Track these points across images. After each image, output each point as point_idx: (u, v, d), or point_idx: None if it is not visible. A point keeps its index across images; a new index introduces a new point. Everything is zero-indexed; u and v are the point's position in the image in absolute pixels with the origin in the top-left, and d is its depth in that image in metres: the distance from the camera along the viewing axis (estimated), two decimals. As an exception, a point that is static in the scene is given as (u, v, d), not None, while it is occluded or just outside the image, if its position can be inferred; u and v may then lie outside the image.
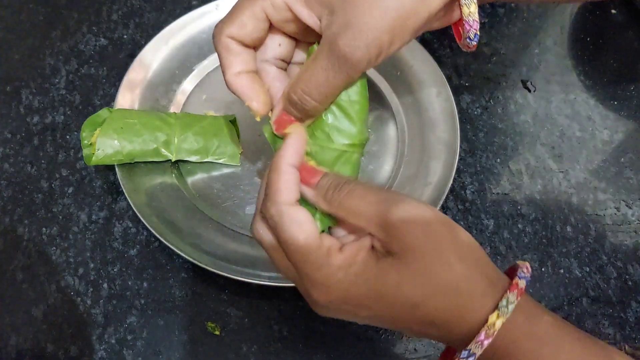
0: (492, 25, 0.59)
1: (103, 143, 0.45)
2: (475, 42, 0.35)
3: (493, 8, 0.61)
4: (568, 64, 0.57)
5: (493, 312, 0.28)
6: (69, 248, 0.46)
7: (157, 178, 0.47)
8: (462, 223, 0.48)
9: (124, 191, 0.45)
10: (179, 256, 0.44)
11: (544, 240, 0.48)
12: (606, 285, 0.46)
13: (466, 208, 0.49)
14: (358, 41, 0.30)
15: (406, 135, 0.51)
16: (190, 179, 0.48)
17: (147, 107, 0.50)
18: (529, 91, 0.56)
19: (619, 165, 0.52)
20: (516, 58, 0.58)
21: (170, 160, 0.47)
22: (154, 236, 0.44)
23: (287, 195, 0.31)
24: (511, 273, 0.31)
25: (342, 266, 0.30)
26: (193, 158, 0.48)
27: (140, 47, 0.52)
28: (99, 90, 0.54)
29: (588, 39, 0.59)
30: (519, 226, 0.48)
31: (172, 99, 0.52)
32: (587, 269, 0.47)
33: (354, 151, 0.35)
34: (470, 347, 0.28)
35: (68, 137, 0.51)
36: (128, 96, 0.50)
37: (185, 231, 0.45)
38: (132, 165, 0.47)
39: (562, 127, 0.53)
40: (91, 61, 0.55)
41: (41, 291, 0.44)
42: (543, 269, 0.46)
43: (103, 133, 0.45)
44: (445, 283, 0.29)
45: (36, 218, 0.47)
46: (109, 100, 0.53)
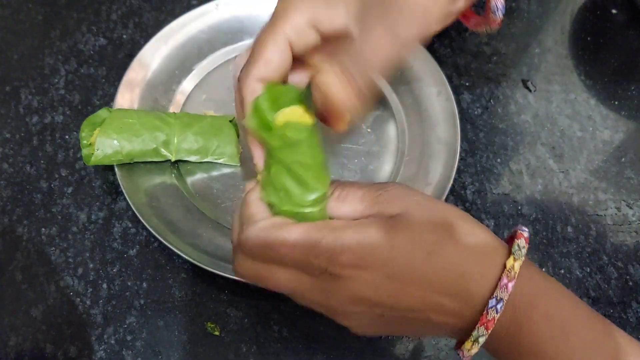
0: (493, 24, 0.59)
1: (102, 143, 0.45)
2: (501, 16, 0.36)
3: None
4: (569, 64, 0.57)
5: (509, 257, 0.29)
6: (69, 248, 0.46)
7: (157, 178, 0.47)
8: (463, 223, 0.48)
9: (124, 191, 0.45)
10: (179, 256, 0.44)
11: (545, 240, 0.48)
12: (607, 285, 0.46)
13: (466, 208, 0.49)
14: (407, 20, 0.32)
15: (406, 135, 0.51)
16: (189, 179, 0.48)
17: (147, 107, 0.50)
18: (530, 91, 0.55)
19: (620, 165, 0.52)
20: (517, 58, 0.57)
21: (169, 160, 0.47)
22: (154, 236, 0.44)
23: (261, 214, 0.32)
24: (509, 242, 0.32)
25: (351, 224, 0.30)
26: (193, 158, 0.48)
27: (139, 47, 0.52)
28: (98, 90, 0.54)
29: (589, 39, 0.59)
30: (520, 226, 0.48)
31: (172, 99, 0.52)
32: (588, 270, 0.46)
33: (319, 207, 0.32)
34: (496, 294, 0.28)
35: (67, 137, 0.51)
36: (127, 96, 0.50)
37: (184, 231, 0.45)
38: (132, 165, 0.47)
39: (563, 127, 0.53)
40: (90, 61, 0.55)
41: (40, 291, 0.44)
42: (544, 269, 0.46)
43: (102, 133, 0.45)
44: (455, 233, 0.29)
45: (35, 218, 0.47)
46: (109, 100, 0.53)
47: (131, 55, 0.53)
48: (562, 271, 0.46)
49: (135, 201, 0.44)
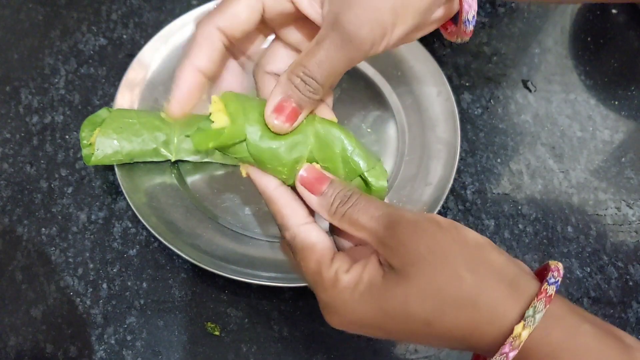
0: (493, 25, 0.59)
1: (102, 143, 0.45)
2: (471, 28, 0.34)
3: (493, 8, 0.60)
4: (569, 64, 0.57)
5: (519, 323, 0.26)
6: (69, 248, 0.46)
7: (157, 178, 0.47)
8: (463, 223, 0.48)
9: (124, 191, 0.45)
10: (179, 256, 0.44)
11: (545, 240, 0.48)
12: (607, 285, 0.46)
13: (466, 208, 0.49)
14: (362, 18, 0.30)
15: (406, 135, 0.51)
16: (189, 179, 0.48)
17: (147, 107, 0.50)
18: (530, 91, 0.55)
19: (620, 165, 0.52)
20: (517, 58, 0.57)
21: (169, 160, 0.47)
22: (154, 236, 0.44)
23: (295, 218, 0.32)
24: (541, 275, 0.29)
25: (348, 287, 0.29)
26: (193, 158, 0.48)
27: (139, 47, 0.52)
28: (98, 90, 0.54)
29: (589, 39, 0.59)
30: (520, 226, 0.48)
31: (172, 99, 0.52)
32: (588, 270, 0.46)
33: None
34: (494, 359, 0.27)
35: (67, 137, 0.51)
36: (127, 96, 0.50)
37: (184, 231, 0.45)
38: (132, 165, 0.47)
39: (563, 127, 0.53)
40: (90, 61, 0.55)
41: (40, 291, 0.44)
42: (544, 269, 0.46)
43: (102, 133, 0.45)
44: (456, 297, 0.27)
45: (35, 218, 0.47)
46: (109, 100, 0.53)
47: (131, 55, 0.53)
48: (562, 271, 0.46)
49: (135, 201, 0.44)
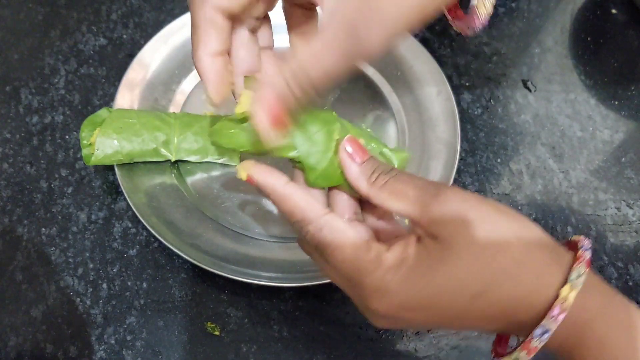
0: (493, 24, 0.59)
1: (102, 143, 0.45)
2: (490, 12, 0.33)
3: (493, 8, 0.60)
4: (569, 64, 0.57)
5: (565, 285, 0.26)
6: (69, 248, 0.46)
7: (157, 178, 0.47)
8: (463, 223, 0.48)
9: (124, 191, 0.45)
10: (179, 256, 0.44)
11: (545, 240, 0.48)
12: (607, 285, 0.46)
13: (466, 208, 0.49)
14: (376, 21, 0.27)
15: (406, 135, 0.51)
16: (189, 179, 0.48)
17: (147, 107, 0.50)
18: (530, 91, 0.55)
19: (620, 165, 0.52)
20: (517, 58, 0.57)
21: (169, 160, 0.47)
22: (154, 236, 0.44)
23: (315, 209, 0.30)
24: (571, 248, 0.29)
25: (393, 266, 0.28)
26: (193, 158, 0.48)
27: (139, 47, 0.52)
28: (98, 90, 0.54)
29: (589, 39, 0.59)
30: (520, 226, 0.48)
31: (172, 99, 0.52)
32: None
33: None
34: (544, 323, 0.26)
35: (67, 137, 0.51)
36: (127, 96, 0.50)
37: (184, 231, 0.45)
38: (132, 165, 0.47)
39: (563, 127, 0.53)
40: (90, 61, 0.55)
41: (40, 291, 0.44)
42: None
43: (102, 133, 0.45)
44: (506, 266, 0.27)
45: (35, 218, 0.47)
46: (109, 100, 0.53)
47: (131, 55, 0.53)
48: (562, 271, 0.46)
49: (135, 201, 0.44)
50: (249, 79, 0.32)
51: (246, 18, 0.33)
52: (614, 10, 0.61)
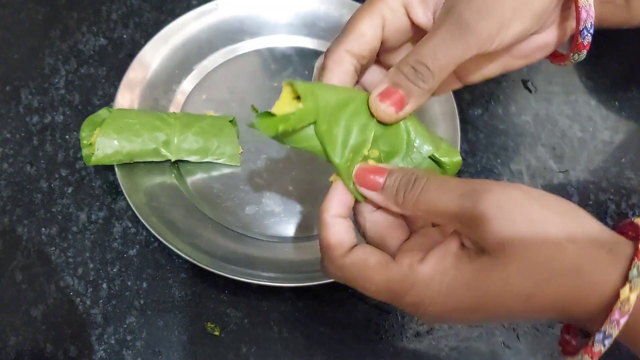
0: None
1: (102, 143, 0.45)
2: (591, 37, 0.34)
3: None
4: (569, 65, 0.57)
5: (624, 286, 0.25)
6: (69, 248, 0.46)
7: (157, 178, 0.47)
8: (463, 223, 0.48)
9: (124, 191, 0.45)
10: (179, 256, 0.44)
11: (545, 240, 0.48)
12: (607, 286, 0.46)
13: (466, 208, 0.49)
14: (480, 7, 0.30)
15: (406, 135, 0.51)
16: (189, 179, 0.48)
17: (147, 107, 0.50)
18: (530, 92, 0.55)
19: (620, 165, 0.52)
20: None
21: (169, 160, 0.47)
22: (154, 236, 0.44)
23: (341, 248, 0.30)
24: (625, 233, 0.28)
25: (432, 279, 0.27)
26: (193, 158, 0.48)
27: (139, 47, 0.52)
28: (99, 90, 0.54)
29: (589, 39, 0.59)
30: (520, 227, 0.48)
31: (172, 99, 0.52)
32: (588, 270, 0.46)
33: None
34: (604, 329, 0.25)
35: (67, 137, 0.51)
36: (127, 96, 0.50)
37: (184, 231, 0.45)
38: (132, 165, 0.47)
39: (563, 128, 0.53)
40: (91, 61, 0.55)
41: (40, 291, 0.44)
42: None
43: (102, 133, 0.45)
44: (559, 268, 0.26)
45: (35, 218, 0.47)
46: (109, 100, 0.53)
47: (131, 55, 0.53)
48: (562, 272, 0.46)
49: (135, 201, 0.44)
50: (287, 84, 0.31)
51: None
52: (614, 10, 0.61)
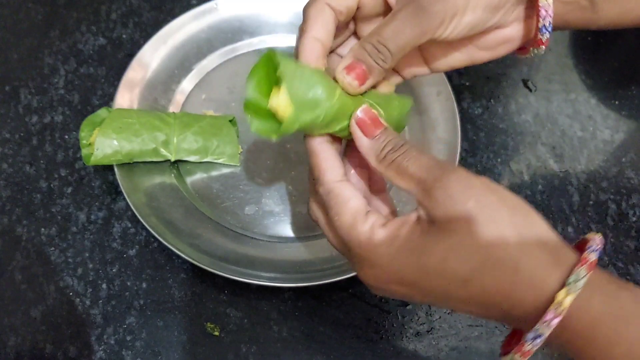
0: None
1: (102, 143, 0.45)
2: (548, 34, 0.35)
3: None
4: (569, 64, 0.57)
5: (561, 289, 0.26)
6: (68, 248, 0.46)
7: (156, 178, 0.47)
8: (463, 223, 0.48)
9: (123, 191, 0.45)
10: (178, 256, 0.44)
11: (545, 240, 0.48)
12: (607, 285, 0.46)
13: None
14: (441, 1, 0.32)
15: (407, 135, 0.51)
16: (189, 179, 0.48)
17: (146, 107, 0.50)
18: (530, 91, 0.55)
19: (620, 165, 0.51)
20: (517, 57, 0.57)
21: (169, 160, 0.47)
22: (153, 236, 0.44)
23: (332, 174, 0.32)
24: (581, 248, 0.29)
25: (385, 241, 0.29)
26: (192, 158, 0.48)
27: (139, 47, 0.52)
28: (98, 90, 0.54)
29: (589, 39, 0.59)
30: (520, 226, 0.48)
31: (171, 99, 0.52)
32: (588, 270, 0.46)
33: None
34: (537, 327, 0.26)
35: (67, 137, 0.51)
36: (127, 96, 0.50)
37: (184, 231, 0.45)
38: (131, 165, 0.46)
39: (563, 127, 0.53)
40: (90, 61, 0.55)
41: (40, 292, 0.44)
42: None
43: (102, 133, 0.45)
44: (498, 258, 0.27)
45: (35, 218, 0.47)
46: (108, 99, 0.53)
47: (131, 55, 0.53)
48: (563, 271, 0.46)
49: (134, 201, 0.44)
50: (284, 66, 0.32)
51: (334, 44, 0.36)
52: (615, 9, 0.60)
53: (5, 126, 0.51)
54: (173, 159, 0.47)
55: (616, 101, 0.55)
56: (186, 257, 0.42)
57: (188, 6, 0.58)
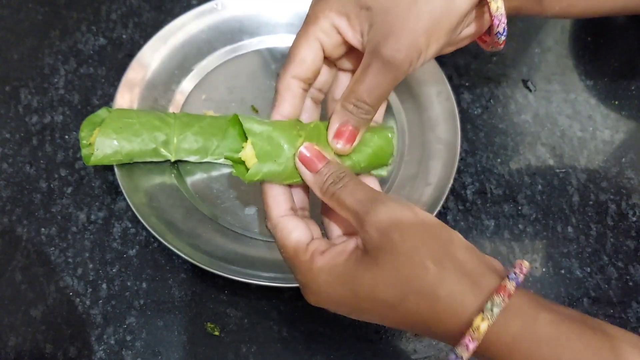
0: (493, 24, 0.59)
1: (102, 143, 0.45)
2: (504, 37, 0.37)
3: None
4: (569, 64, 0.57)
5: (478, 315, 0.28)
6: (68, 248, 0.46)
7: (157, 178, 0.47)
8: (463, 223, 0.48)
9: (123, 191, 0.45)
10: (178, 257, 0.44)
11: (545, 240, 0.48)
12: (607, 285, 0.46)
13: (467, 208, 0.49)
14: (399, 45, 0.34)
15: (406, 135, 0.51)
16: (189, 179, 0.48)
17: (146, 107, 0.50)
18: (530, 91, 0.55)
19: (620, 165, 0.51)
20: (517, 57, 0.57)
21: (169, 160, 0.47)
22: (153, 236, 0.44)
23: (277, 209, 0.35)
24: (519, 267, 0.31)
25: (324, 269, 0.32)
26: (192, 158, 0.48)
27: (139, 47, 0.52)
28: (98, 90, 0.54)
29: (589, 39, 0.59)
30: (520, 226, 0.48)
31: (171, 99, 0.52)
32: (588, 270, 0.46)
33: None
34: (457, 350, 0.28)
35: (67, 137, 0.51)
36: (127, 96, 0.50)
37: (184, 231, 0.45)
38: (131, 165, 0.47)
39: (563, 127, 0.53)
40: (90, 61, 0.55)
41: (40, 292, 0.44)
42: (544, 270, 0.46)
43: (102, 133, 0.45)
44: (419, 286, 0.29)
45: (35, 218, 0.47)
46: (108, 100, 0.53)
47: (131, 55, 0.53)
48: (562, 271, 0.46)
49: (134, 201, 0.44)
50: (251, 131, 0.36)
51: (310, 90, 0.39)
52: (615, 10, 0.61)
53: (5, 126, 0.51)
54: (173, 159, 0.47)
55: (616, 101, 0.55)
56: (186, 257, 0.42)
57: (188, 6, 0.58)
